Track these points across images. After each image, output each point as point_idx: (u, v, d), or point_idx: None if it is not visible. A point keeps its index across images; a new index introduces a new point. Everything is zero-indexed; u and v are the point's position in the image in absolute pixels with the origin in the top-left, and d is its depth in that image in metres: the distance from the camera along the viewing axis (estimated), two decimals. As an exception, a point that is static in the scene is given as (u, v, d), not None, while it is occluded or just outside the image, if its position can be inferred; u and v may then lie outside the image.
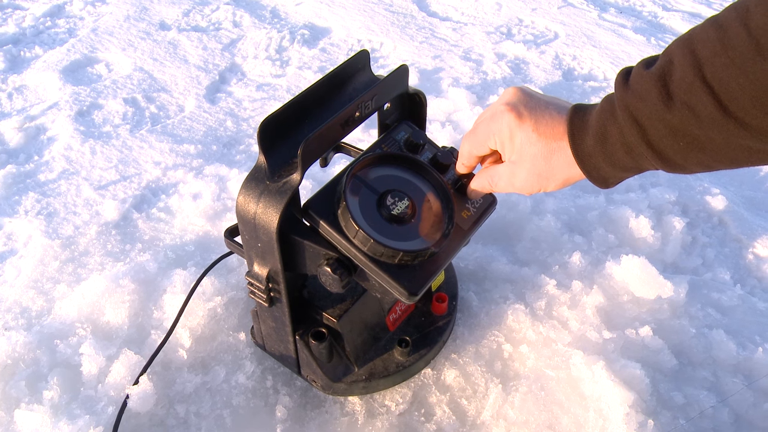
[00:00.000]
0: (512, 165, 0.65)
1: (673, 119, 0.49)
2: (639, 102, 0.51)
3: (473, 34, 1.87)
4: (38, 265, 1.06)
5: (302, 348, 0.81)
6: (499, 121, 0.64)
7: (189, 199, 1.20)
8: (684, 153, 0.51)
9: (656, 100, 0.50)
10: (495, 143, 0.66)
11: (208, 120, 1.46)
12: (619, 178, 0.60)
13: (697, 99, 0.47)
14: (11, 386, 0.85)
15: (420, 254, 0.67)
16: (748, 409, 0.88)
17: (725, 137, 0.48)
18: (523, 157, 0.63)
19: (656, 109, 0.50)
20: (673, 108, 0.49)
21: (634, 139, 0.53)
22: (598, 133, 0.56)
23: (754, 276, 1.15)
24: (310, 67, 1.68)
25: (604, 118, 0.55)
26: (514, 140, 0.63)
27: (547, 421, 0.83)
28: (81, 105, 1.49)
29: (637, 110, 0.52)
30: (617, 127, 0.54)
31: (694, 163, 0.52)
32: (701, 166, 0.53)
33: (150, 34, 1.81)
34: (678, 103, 0.49)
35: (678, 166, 0.53)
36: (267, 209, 0.65)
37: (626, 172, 0.58)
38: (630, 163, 0.56)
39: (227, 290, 0.98)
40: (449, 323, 0.91)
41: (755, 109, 0.45)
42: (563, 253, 1.08)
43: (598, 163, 0.58)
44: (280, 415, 0.85)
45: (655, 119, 0.51)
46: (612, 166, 0.57)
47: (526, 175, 0.64)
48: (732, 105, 0.46)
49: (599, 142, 0.56)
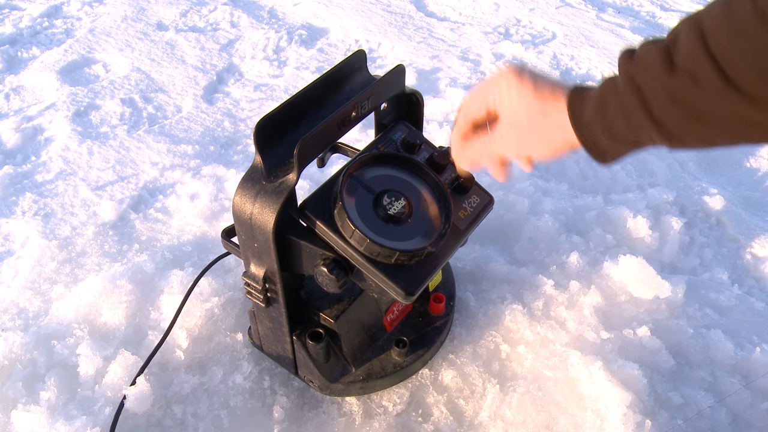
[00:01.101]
0: (507, 124, 0.65)
1: (674, 87, 0.50)
2: (641, 70, 0.52)
3: (471, 34, 1.87)
4: (35, 266, 1.06)
5: (299, 348, 0.81)
6: (499, 80, 0.64)
7: (186, 200, 1.20)
8: (683, 123, 0.51)
9: (659, 68, 0.50)
10: (493, 101, 0.66)
11: (206, 120, 1.46)
12: (616, 152, 0.59)
13: (699, 67, 0.48)
14: (8, 387, 0.85)
15: (417, 254, 0.67)
16: (745, 409, 0.88)
17: (725, 107, 0.48)
18: (518, 113, 0.63)
19: (658, 76, 0.50)
20: (675, 76, 0.49)
21: (633, 107, 0.53)
22: (598, 103, 0.57)
23: (751, 276, 1.15)
24: (307, 67, 1.68)
25: (606, 89, 0.56)
26: (511, 97, 0.63)
27: (544, 421, 0.83)
28: (78, 105, 1.49)
29: (639, 77, 0.52)
30: (617, 97, 0.54)
31: (692, 136, 0.52)
32: (700, 139, 0.52)
33: (147, 34, 1.81)
34: (680, 71, 0.49)
35: (676, 138, 0.53)
36: (263, 209, 0.65)
37: (624, 145, 0.58)
38: (629, 134, 0.56)
39: (224, 291, 0.98)
40: (447, 323, 0.91)
41: (757, 78, 0.45)
42: (561, 253, 1.08)
43: (596, 134, 0.58)
44: (278, 415, 0.85)
45: (657, 86, 0.51)
46: (610, 138, 0.57)
47: (519, 133, 0.64)
48: (734, 74, 0.46)
49: (599, 111, 0.57)
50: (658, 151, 1.43)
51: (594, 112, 0.57)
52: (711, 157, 1.46)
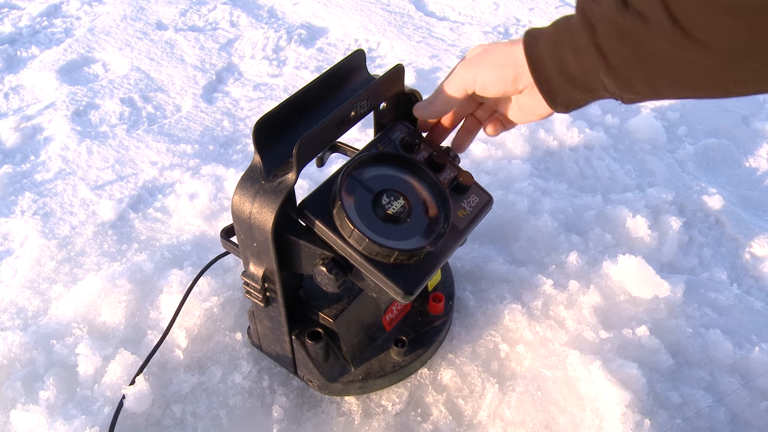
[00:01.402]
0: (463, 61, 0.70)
1: (624, 23, 0.51)
2: (595, 5, 0.54)
3: (470, 33, 1.87)
4: (34, 265, 1.06)
5: (298, 348, 0.81)
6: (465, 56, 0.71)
7: (186, 199, 1.20)
8: (630, 62, 0.53)
9: (612, 5, 0.52)
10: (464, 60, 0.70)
11: (205, 120, 1.46)
12: (568, 96, 0.61)
13: (649, 7, 0.50)
14: (7, 386, 0.85)
15: (415, 253, 0.67)
16: (744, 409, 0.88)
17: (671, 48, 0.50)
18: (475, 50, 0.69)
19: (610, 12, 0.52)
20: (625, 13, 0.51)
21: (584, 42, 0.55)
22: (551, 38, 0.59)
23: (750, 275, 1.15)
24: (307, 66, 1.68)
25: (560, 25, 0.58)
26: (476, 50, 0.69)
27: (543, 421, 0.83)
28: (78, 105, 1.49)
29: (592, 12, 0.54)
30: (570, 33, 0.56)
31: (639, 79, 0.54)
32: (647, 84, 0.54)
33: (147, 33, 1.81)
34: (631, 10, 0.51)
35: (624, 80, 0.55)
36: (262, 209, 0.65)
37: (576, 89, 0.59)
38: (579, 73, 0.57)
39: (224, 290, 0.98)
40: (446, 323, 0.91)
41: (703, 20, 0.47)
42: (560, 252, 1.08)
43: (548, 70, 0.60)
44: (277, 415, 0.85)
45: (607, 21, 0.53)
46: (562, 76, 0.59)
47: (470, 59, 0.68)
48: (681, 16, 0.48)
49: (552, 45, 0.59)
50: (658, 151, 1.43)
51: (547, 46, 0.59)
52: (710, 157, 1.46)
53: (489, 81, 0.66)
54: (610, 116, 1.49)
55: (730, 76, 0.49)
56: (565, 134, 1.39)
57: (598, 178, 1.32)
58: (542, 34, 0.60)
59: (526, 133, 1.37)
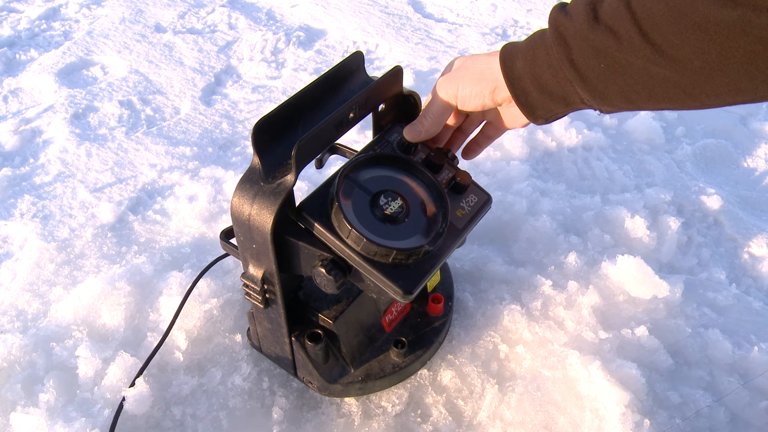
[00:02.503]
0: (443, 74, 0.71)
1: (596, 39, 0.52)
2: (568, 22, 0.55)
3: (468, 35, 1.87)
4: (34, 268, 1.06)
5: (298, 349, 0.81)
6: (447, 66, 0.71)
7: (185, 201, 1.20)
8: (605, 77, 0.54)
9: (583, 21, 0.53)
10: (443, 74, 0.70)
11: (204, 122, 1.46)
12: (547, 109, 0.61)
13: (619, 23, 0.51)
14: (7, 389, 0.85)
15: (414, 252, 0.67)
16: (743, 408, 0.88)
17: (643, 63, 0.50)
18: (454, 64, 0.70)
19: (582, 28, 0.53)
20: (597, 29, 0.52)
21: (558, 58, 0.56)
22: (527, 53, 0.60)
23: (749, 275, 1.16)
24: (305, 68, 1.68)
25: (535, 40, 0.59)
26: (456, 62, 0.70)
27: (543, 421, 0.83)
28: (76, 108, 1.49)
29: (565, 27, 0.55)
30: (545, 47, 0.57)
31: (615, 92, 0.54)
32: (622, 97, 0.54)
33: (145, 36, 1.81)
34: (602, 26, 0.52)
35: (599, 93, 0.55)
36: (261, 211, 0.65)
37: (554, 102, 0.60)
38: (556, 87, 0.58)
39: (223, 292, 0.98)
40: (445, 324, 0.91)
41: (673, 36, 0.48)
42: (559, 253, 1.08)
43: (525, 84, 0.60)
44: (277, 416, 0.85)
45: (580, 38, 0.54)
46: (539, 91, 0.59)
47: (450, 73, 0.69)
48: (651, 32, 0.49)
49: (528, 60, 0.59)
50: (656, 151, 1.43)
51: (523, 61, 0.60)
52: (708, 157, 1.46)
53: (468, 95, 0.67)
54: (608, 117, 1.49)
55: (702, 90, 0.50)
56: (564, 135, 1.39)
57: (596, 179, 1.32)
58: (518, 50, 0.61)
59: (524, 134, 1.37)
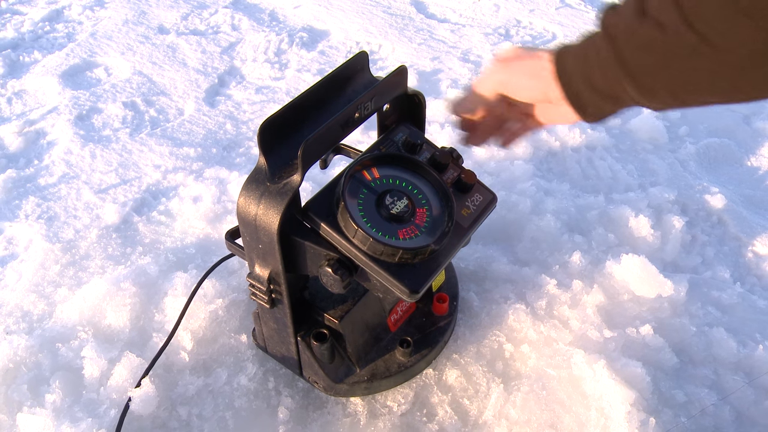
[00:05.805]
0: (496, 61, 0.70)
1: (643, 33, 0.52)
2: (617, 19, 0.55)
3: (471, 35, 1.87)
4: (39, 269, 1.06)
5: (304, 349, 0.82)
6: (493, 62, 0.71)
7: (189, 202, 1.21)
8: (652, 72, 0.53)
9: (632, 16, 0.53)
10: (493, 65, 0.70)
11: (208, 123, 1.46)
12: (598, 107, 0.61)
13: (665, 14, 0.50)
14: (13, 390, 0.85)
15: (420, 252, 0.67)
16: (749, 407, 0.88)
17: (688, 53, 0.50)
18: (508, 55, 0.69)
19: (630, 24, 0.53)
20: (644, 23, 0.52)
21: (608, 55, 0.55)
22: (578, 53, 0.60)
23: (753, 274, 1.15)
24: (309, 69, 1.68)
25: (587, 41, 0.59)
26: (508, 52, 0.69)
27: (548, 420, 0.83)
28: (80, 109, 1.49)
29: (614, 26, 0.55)
30: (595, 47, 0.57)
31: (661, 87, 0.54)
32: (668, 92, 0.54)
33: (149, 37, 1.81)
34: (649, 19, 0.51)
35: (647, 90, 0.55)
36: (268, 210, 0.65)
37: (605, 101, 0.60)
38: (606, 86, 0.58)
39: (228, 292, 0.98)
40: (450, 323, 0.92)
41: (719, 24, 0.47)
42: (563, 252, 1.08)
43: (577, 85, 0.60)
44: (282, 416, 0.85)
45: (628, 33, 0.54)
46: (590, 89, 0.59)
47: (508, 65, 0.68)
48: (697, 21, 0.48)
49: (579, 60, 0.59)
50: (659, 151, 1.43)
51: (574, 61, 0.60)
52: (712, 156, 1.46)
53: (521, 86, 0.67)
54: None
55: (749, 81, 0.49)
56: (567, 135, 1.39)
57: (600, 178, 1.32)
58: (570, 51, 0.61)
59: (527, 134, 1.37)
